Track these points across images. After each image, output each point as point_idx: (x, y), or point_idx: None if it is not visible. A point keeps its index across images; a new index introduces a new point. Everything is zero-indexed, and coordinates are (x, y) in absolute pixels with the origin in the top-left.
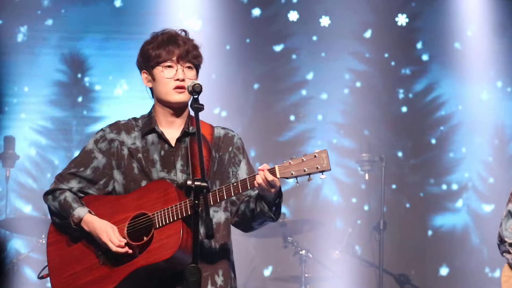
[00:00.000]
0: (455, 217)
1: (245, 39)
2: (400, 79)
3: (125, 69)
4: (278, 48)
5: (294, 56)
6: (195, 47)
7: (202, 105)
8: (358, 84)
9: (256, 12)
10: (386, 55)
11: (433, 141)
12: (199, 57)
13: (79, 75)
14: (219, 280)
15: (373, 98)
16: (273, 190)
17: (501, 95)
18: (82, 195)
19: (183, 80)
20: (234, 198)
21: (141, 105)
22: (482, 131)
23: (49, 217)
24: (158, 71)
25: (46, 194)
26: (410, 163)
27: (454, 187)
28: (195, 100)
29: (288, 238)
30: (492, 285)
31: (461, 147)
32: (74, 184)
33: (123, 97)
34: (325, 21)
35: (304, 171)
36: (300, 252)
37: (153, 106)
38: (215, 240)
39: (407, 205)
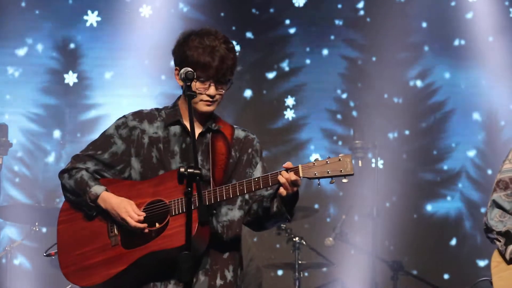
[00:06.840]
0: (449, 204)
1: (237, 27)
2: (394, 66)
3: (118, 56)
4: (271, 35)
5: (287, 42)
6: (233, 65)
7: (195, 92)
8: (351, 70)
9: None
10: (380, 41)
11: (427, 128)
12: (233, 74)
13: (72, 63)
14: (229, 275)
15: (366, 84)
16: (295, 188)
17: (494, 82)
18: (98, 176)
19: (213, 96)
20: (247, 197)
21: (134, 93)
22: (475, 118)
23: (43, 204)
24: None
25: (62, 172)
26: (404, 150)
27: (448, 174)
28: (188, 87)
29: (282, 225)
30: (485, 271)
31: (454, 133)
32: (91, 165)
33: (115, 84)
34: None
35: (328, 173)
36: (294, 239)
37: (179, 98)
38: (228, 236)
39: (401, 192)
